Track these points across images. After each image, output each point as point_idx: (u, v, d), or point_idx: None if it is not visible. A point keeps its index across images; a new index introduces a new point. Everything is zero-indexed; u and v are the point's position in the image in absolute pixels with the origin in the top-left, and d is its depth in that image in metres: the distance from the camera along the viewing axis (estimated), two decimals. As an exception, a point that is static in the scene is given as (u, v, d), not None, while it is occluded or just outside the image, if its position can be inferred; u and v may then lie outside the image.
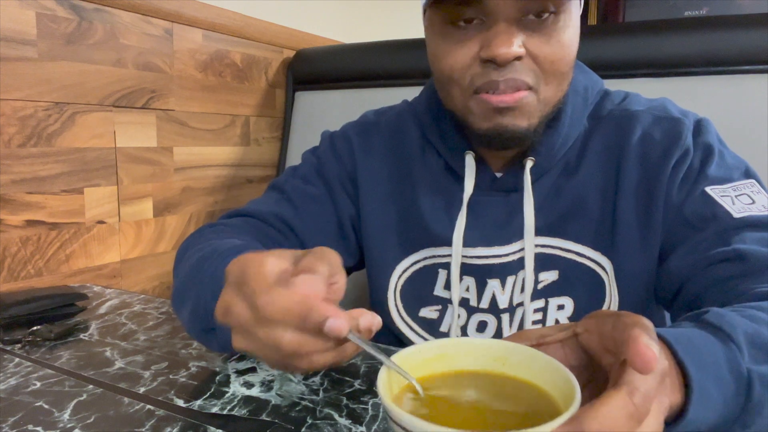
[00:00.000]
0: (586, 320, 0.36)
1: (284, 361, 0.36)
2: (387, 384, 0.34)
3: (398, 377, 0.36)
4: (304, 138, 1.33)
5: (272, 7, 1.32)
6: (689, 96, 0.70)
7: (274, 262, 0.36)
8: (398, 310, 0.70)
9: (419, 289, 0.69)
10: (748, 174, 0.59)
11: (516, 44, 0.53)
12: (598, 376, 0.36)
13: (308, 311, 0.33)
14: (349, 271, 0.75)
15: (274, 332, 0.34)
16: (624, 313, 0.33)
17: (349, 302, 1.30)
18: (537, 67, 0.56)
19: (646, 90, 0.70)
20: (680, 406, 0.35)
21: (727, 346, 0.39)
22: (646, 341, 0.29)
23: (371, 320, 0.37)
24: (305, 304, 0.34)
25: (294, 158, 1.32)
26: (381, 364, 0.35)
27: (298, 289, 0.34)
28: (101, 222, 0.98)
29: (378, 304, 0.72)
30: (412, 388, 0.36)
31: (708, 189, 0.58)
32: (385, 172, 0.71)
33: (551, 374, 0.35)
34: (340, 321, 0.33)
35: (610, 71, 0.69)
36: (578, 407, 0.30)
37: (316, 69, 1.33)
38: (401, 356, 0.37)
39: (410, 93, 0.79)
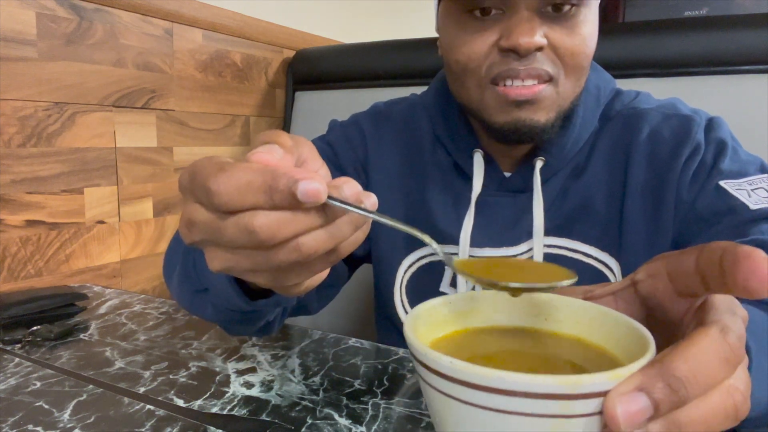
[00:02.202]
0: (650, 264, 0.31)
1: (271, 261, 0.29)
2: (416, 333, 0.29)
3: (428, 330, 0.30)
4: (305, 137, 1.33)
5: (272, 7, 1.32)
6: (689, 96, 0.70)
7: (227, 157, 0.30)
8: (404, 306, 0.70)
9: (425, 285, 0.68)
10: (764, 169, 0.58)
11: (539, 34, 0.53)
12: (656, 333, 0.30)
13: (274, 178, 0.27)
14: (358, 263, 0.75)
15: (243, 220, 0.27)
16: (709, 243, 0.26)
17: (353, 298, 1.29)
18: (557, 59, 0.55)
19: (646, 90, 0.69)
20: None
21: None
22: (765, 256, 0.23)
23: (356, 188, 0.29)
24: (268, 171, 0.27)
25: (294, 158, 1.32)
26: (381, 363, 0.34)
27: (256, 158, 0.29)
28: (101, 222, 0.98)
29: (384, 300, 0.72)
30: (442, 344, 0.30)
31: (722, 183, 0.56)
32: (395, 163, 0.71)
33: (608, 326, 0.29)
34: (314, 182, 0.26)
35: (610, 71, 0.69)
36: (655, 352, 0.25)
37: (316, 69, 1.33)
38: (426, 307, 0.32)
39: (410, 93, 0.79)
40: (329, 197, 0.27)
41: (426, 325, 0.31)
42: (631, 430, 0.22)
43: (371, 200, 0.30)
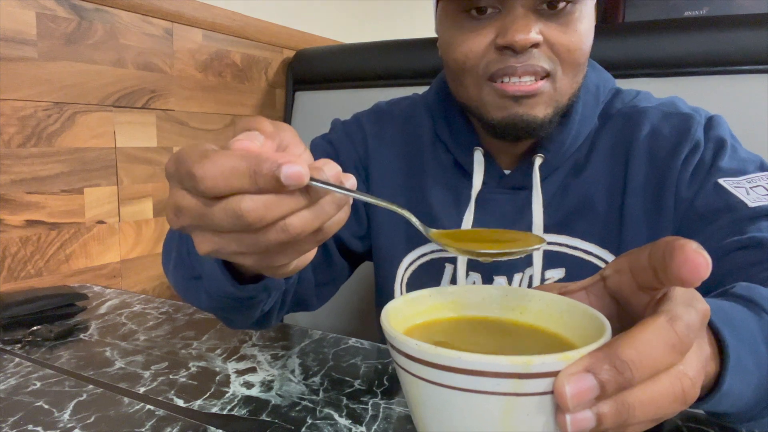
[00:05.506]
0: (616, 260, 0.33)
1: (259, 242, 0.30)
2: (392, 321, 0.31)
3: (402, 319, 0.33)
4: (305, 138, 1.32)
5: (272, 7, 1.32)
6: (689, 96, 0.70)
7: (210, 144, 0.31)
8: None
9: (426, 283, 0.68)
10: (763, 167, 0.58)
11: (534, 31, 0.54)
12: (626, 326, 0.31)
13: (257, 163, 0.28)
14: (358, 260, 0.75)
15: (230, 204, 0.28)
16: (660, 239, 0.28)
17: (354, 297, 1.29)
18: (554, 55, 0.56)
19: (646, 90, 0.69)
20: (715, 376, 0.33)
21: (760, 317, 0.36)
22: (696, 247, 0.26)
23: (336, 169, 0.31)
24: (251, 157, 0.28)
25: (294, 158, 1.32)
26: (381, 363, 0.34)
27: (239, 145, 0.29)
28: (101, 222, 0.98)
29: (385, 298, 0.72)
30: (416, 331, 0.33)
31: (721, 181, 0.56)
32: (396, 161, 0.71)
33: (576, 318, 0.31)
34: (296, 165, 0.28)
35: (610, 71, 0.69)
36: (609, 338, 0.27)
37: (316, 69, 1.33)
38: (408, 299, 0.34)
39: (410, 93, 0.79)
40: (311, 179, 0.29)
41: (405, 315, 0.34)
42: (579, 408, 0.24)
43: (351, 181, 0.31)
